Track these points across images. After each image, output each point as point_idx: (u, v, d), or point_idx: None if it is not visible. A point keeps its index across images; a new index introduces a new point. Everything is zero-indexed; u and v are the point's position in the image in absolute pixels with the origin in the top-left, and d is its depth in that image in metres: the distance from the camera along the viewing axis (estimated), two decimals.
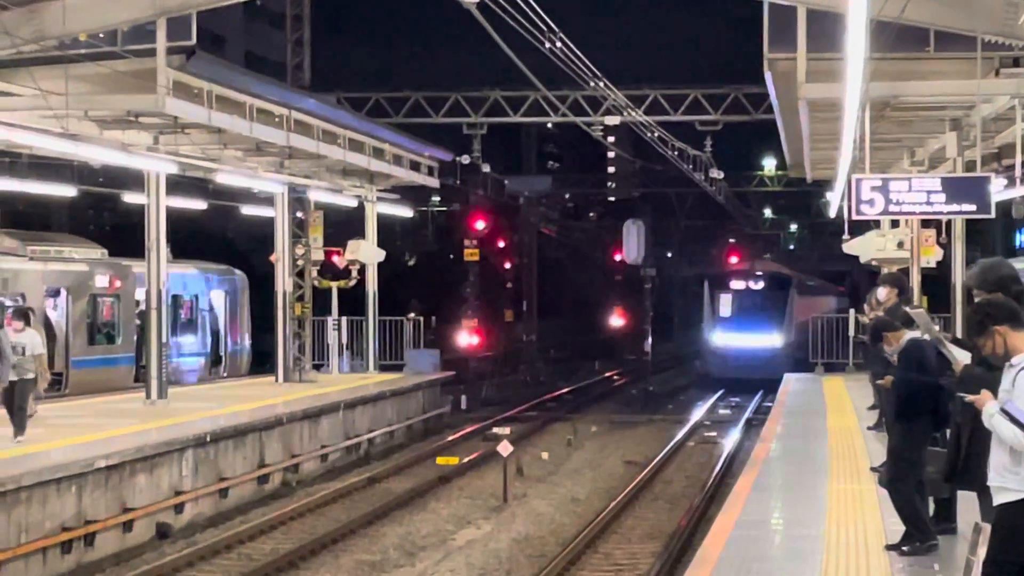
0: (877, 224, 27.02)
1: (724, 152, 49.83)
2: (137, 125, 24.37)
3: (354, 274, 35.84)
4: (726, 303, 52.79)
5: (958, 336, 14.91)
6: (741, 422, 36.99)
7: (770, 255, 75.43)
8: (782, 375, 35.77)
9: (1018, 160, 21.11)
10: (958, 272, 26.67)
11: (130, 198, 32.65)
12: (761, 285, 53.35)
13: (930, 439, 12.07)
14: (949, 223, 26.94)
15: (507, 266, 66.43)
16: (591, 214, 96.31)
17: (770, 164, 65.51)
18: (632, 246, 57.91)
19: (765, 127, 35.46)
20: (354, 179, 35.00)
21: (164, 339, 26.63)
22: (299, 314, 33.59)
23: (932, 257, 27.38)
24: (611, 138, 70.51)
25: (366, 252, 35.72)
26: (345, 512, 23.34)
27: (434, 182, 39.43)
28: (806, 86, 19.95)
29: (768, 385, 41.04)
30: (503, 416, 38.21)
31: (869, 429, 21.73)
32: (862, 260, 27.93)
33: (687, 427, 36.59)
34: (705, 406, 43.11)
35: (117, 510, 19.47)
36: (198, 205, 36.08)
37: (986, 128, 22.49)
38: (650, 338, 58.10)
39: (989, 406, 8.09)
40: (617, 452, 31.88)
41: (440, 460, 29.10)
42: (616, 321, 77.35)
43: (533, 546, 20.49)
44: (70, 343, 30.40)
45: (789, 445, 21.60)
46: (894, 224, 26.35)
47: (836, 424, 23.80)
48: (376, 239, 36.87)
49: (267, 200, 33.73)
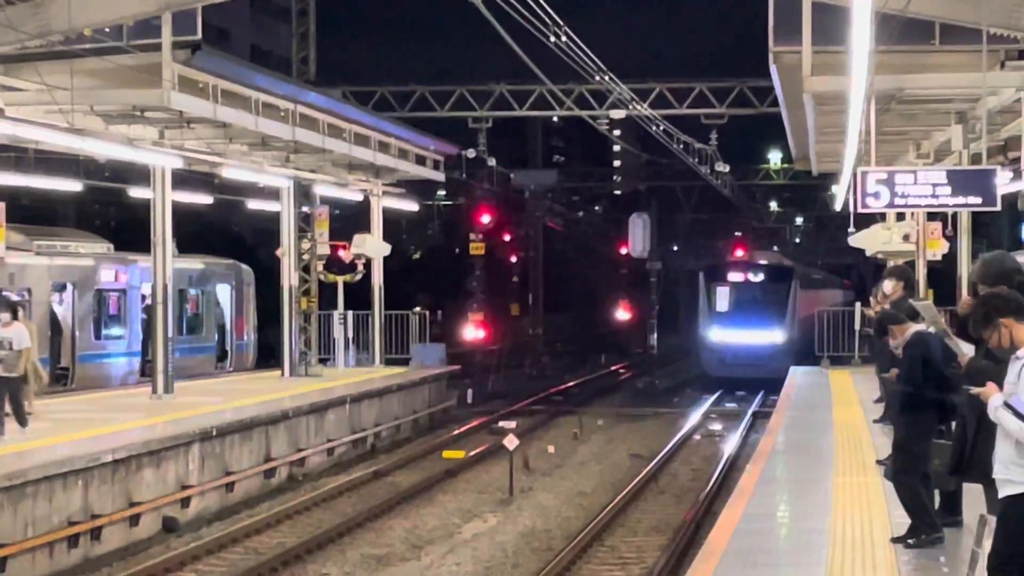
0: (883, 217, 27.00)
1: (729, 145, 49.92)
2: (143, 120, 24.39)
3: (360, 268, 35.85)
4: (723, 297, 49.35)
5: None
6: (747, 415, 36.96)
7: (776, 247, 75.07)
8: (784, 374, 34.23)
9: None
10: (964, 265, 26.64)
11: (136, 193, 32.68)
12: (761, 277, 49.77)
13: (935, 432, 12.06)
14: (955, 216, 26.89)
15: (513, 260, 66.47)
16: (596, 207, 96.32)
17: (776, 157, 65.47)
18: (638, 240, 57.53)
19: (770, 120, 35.44)
20: (360, 173, 35.00)
21: (170, 333, 26.66)
22: (305, 308, 33.62)
23: (938, 250, 27.36)
24: (617, 132, 70.61)
25: (372, 246, 35.73)
26: (351, 506, 23.37)
27: (440, 176, 39.43)
28: (811, 79, 19.94)
29: (768, 385, 39.56)
30: (509, 410, 38.23)
31: (875, 422, 21.72)
32: (868, 253, 27.95)
33: (693, 420, 36.59)
34: (711, 399, 43.09)
35: (123, 504, 19.49)
36: (204, 200, 36.11)
37: (992, 121, 22.47)
38: (655, 332, 57.13)
39: (994, 398, 8.09)
40: (623, 445, 31.89)
41: (446, 454, 29.13)
42: (622, 315, 77.30)
43: (539, 539, 20.51)
44: (76, 337, 30.43)
45: (795, 438, 21.60)
46: (900, 217, 26.36)
47: (842, 417, 23.79)
48: (382, 233, 36.89)
49: (273, 194, 33.75)
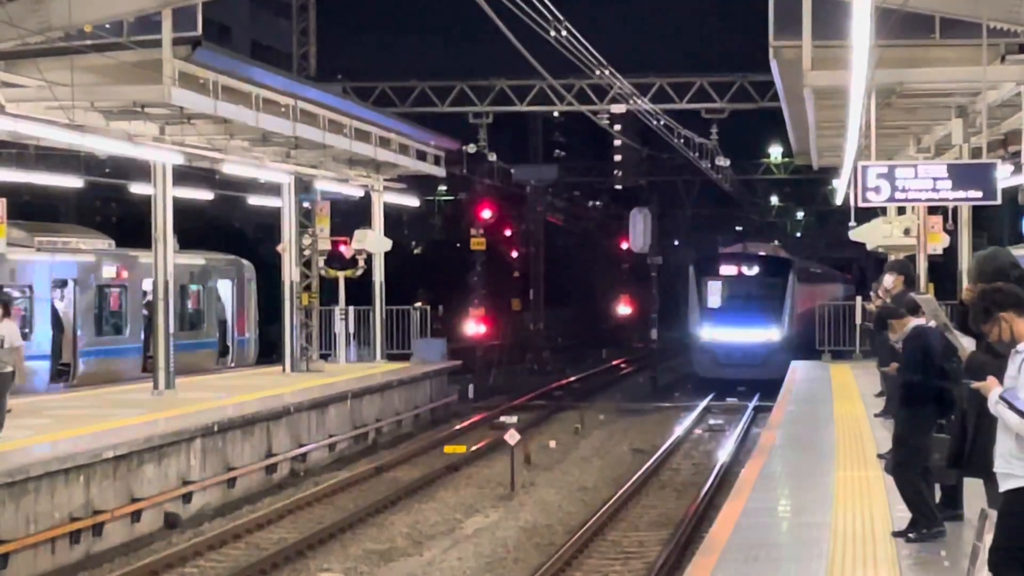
0: (883, 211, 27.02)
1: (730, 140, 49.78)
2: (143, 116, 24.38)
3: (361, 263, 35.85)
4: (715, 291, 46.16)
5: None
6: (748, 409, 36.96)
7: (777, 241, 74.75)
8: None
9: None
10: (964, 259, 26.63)
11: (136, 189, 32.68)
12: (756, 270, 46.63)
13: (936, 426, 12.07)
14: (955, 210, 26.89)
15: (514, 255, 66.43)
16: (597, 202, 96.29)
17: (776, 152, 65.37)
18: (638, 234, 57.40)
19: (771, 115, 35.42)
20: (360, 169, 35.00)
21: (171, 329, 26.67)
22: (306, 304, 33.62)
23: (938, 244, 27.35)
24: (617, 126, 70.43)
25: (373, 241, 35.73)
26: (353, 501, 23.38)
27: (440, 171, 39.43)
28: (812, 73, 19.93)
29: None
30: (510, 405, 38.26)
31: (876, 416, 21.72)
32: (868, 247, 27.96)
33: (694, 415, 36.60)
34: (712, 394, 43.05)
35: (125, 500, 19.51)
36: (205, 196, 36.10)
37: (992, 115, 22.44)
38: (656, 326, 56.98)
39: (994, 392, 8.10)
40: (624, 440, 31.92)
41: (448, 449, 29.15)
42: (623, 309, 77.26)
43: (541, 534, 20.53)
44: (77, 334, 30.42)
45: (796, 432, 21.62)
46: (900, 211, 26.37)
47: (843, 411, 23.80)
48: (383, 228, 36.89)
49: (274, 190, 33.75)
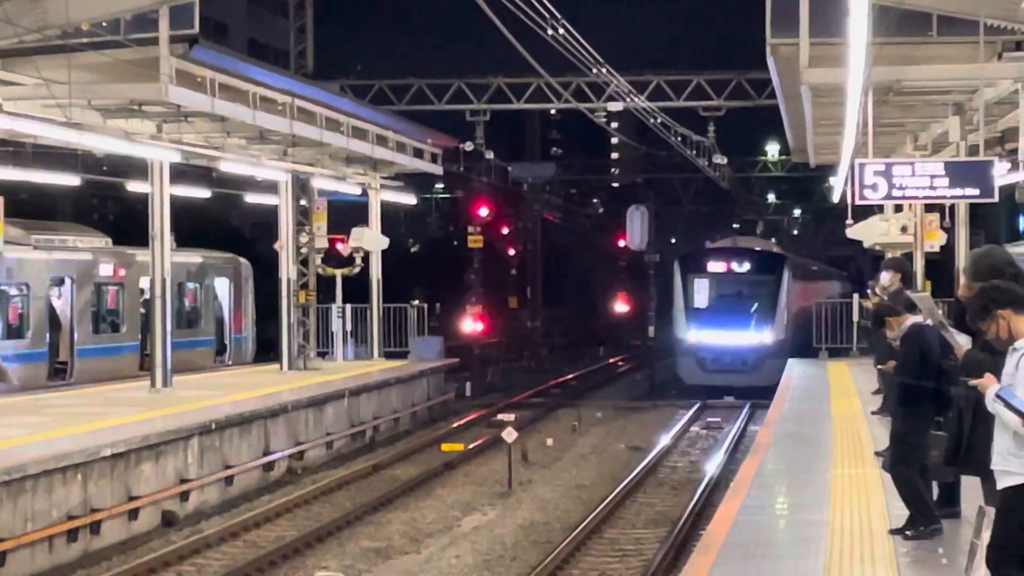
0: (880, 209, 27.01)
1: (727, 138, 49.83)
2: (140, 114, 24.38)
3: (358, 261, 35.85)
4: (701, 290, 42.38)
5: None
6: (746, 407, 36.95)
7: (775, 239, 74.62)
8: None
9: (1021, 144, 21.10)
10: (961, 257, 26.64)
11: (134, 187, 32.67)
12: (746, 267, 42.84)
13: (933, 424, 12.08)
14: (952, 207, 26.89)
15: (511, 253, 66.43)
16: (595, 200, 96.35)
17: (773, 149, 65.48)
18: (636, 232, 57.30)
19: (768, 113, 35.49)
20: (358, 167, 35.00)
21: (168, 327, 26.67)
22: (303, 302, 33.62)
23: (935, 242, 27.36)
24: (614, 124, 70.51)
25: (370, 239, 35.72)
26: (350, 499, 23.38)
27: (437, 169, 39.43)
28: (809, 71, 19.94)
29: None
30: (508, 403, 38.23)
31: (873, 414, 21.75)
32: (866, 245, 27.96)
33: (691, 412, 36.59)
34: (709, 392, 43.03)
35: (123, 498, 19.50)
36: (202, 193, 36.09)
37: (989, 112, 22.47)
38: (654, 324, 56.66)
39: (991, 390, 8.11)
40: (622, 438, 31.92)
41: (445, 447, 29.15)
42: (620, 307, 77.31)
43: (538, 532, 20.53)
44: (75, 332, 30.42)
45: (793, 430, 21.63)
46: (897, 209, 26.34)
47: (840, 409, 23.82)
48: (380, 226, 36.88)
49: (271, 188, 33.74)
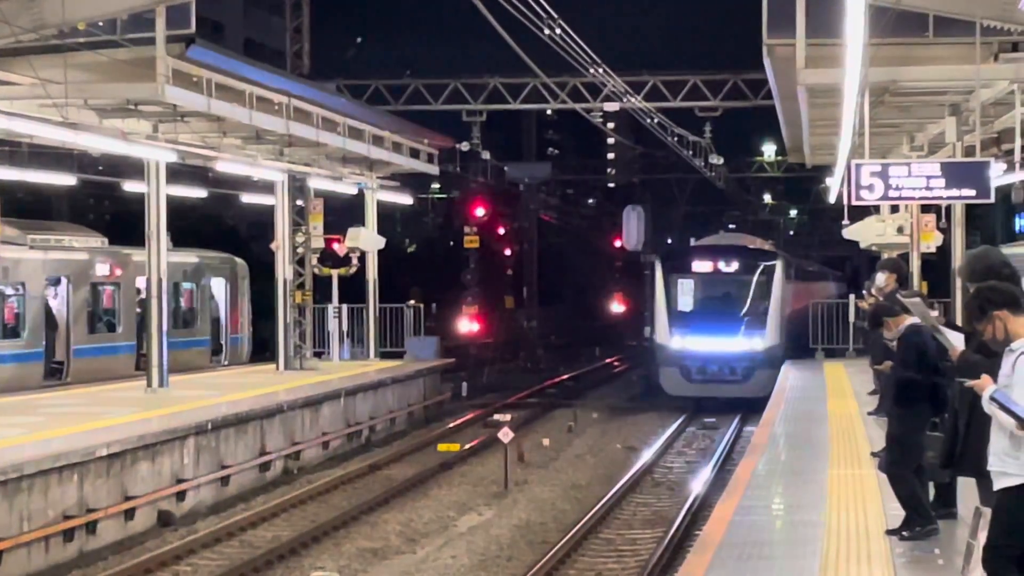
0: (877, 209, 27.01)
1: (723, 138, 49.88)
2: (136, 113, 24.36)
3: (354, 261, 35.85)
4: (685, 291, 38.68)
5: (956, 323, 14.94)
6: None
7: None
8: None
9: (1017, 145, 21.10)
10: (958, 257, 26.67)
11: (130, 186, 32.66)
12: (735, 266, 38.75)
13: (930, 424, 12.09)
14: (949, 208, 26.93)
15: (507, 253, 66.50)
16: (591, 200, 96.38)
17: (770, 150, 65.52)
18: (632, 232, 57.29)
19: (764, 113, 35.44)
20: (354, 167, 35.00)
21: (164, 327, 26.66)
22: (300, 302, 33.60)
23: (932, 242, 27.39)
24: (611, 124, 70.61)
25: (366, 239, 35.72)
26: (346, 499, 23.38)
27: (434, 169, 39.42)
28: (805, 72, 19.94)
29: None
30: (504, 403, 38.23)
31: (869, 414, 21.76)
32: (862, 245, 27.93)
33: (688, 413, 36.57)
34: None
35: (119, 498, 19.50)
36: (198, 193, 36.07)
37: (985, 113, 22.47)
38: (650, 324, 56.16)
39: (987, 391, 8.11)
40: (618, 438, 31.92)
41: (441, 447, 29.15)
42: (616, 307, 77.37)
43: (534, 532, 20.53)
44: (71, 331, 30.40)
45: (790, 430, 21.64)
46: (894, 209, 26.34)
47: (836, 409, 23.82)
48: (376, 226, 36.88)
49: (267, 188, 33.74)
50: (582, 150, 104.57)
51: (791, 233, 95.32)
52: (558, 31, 23.75)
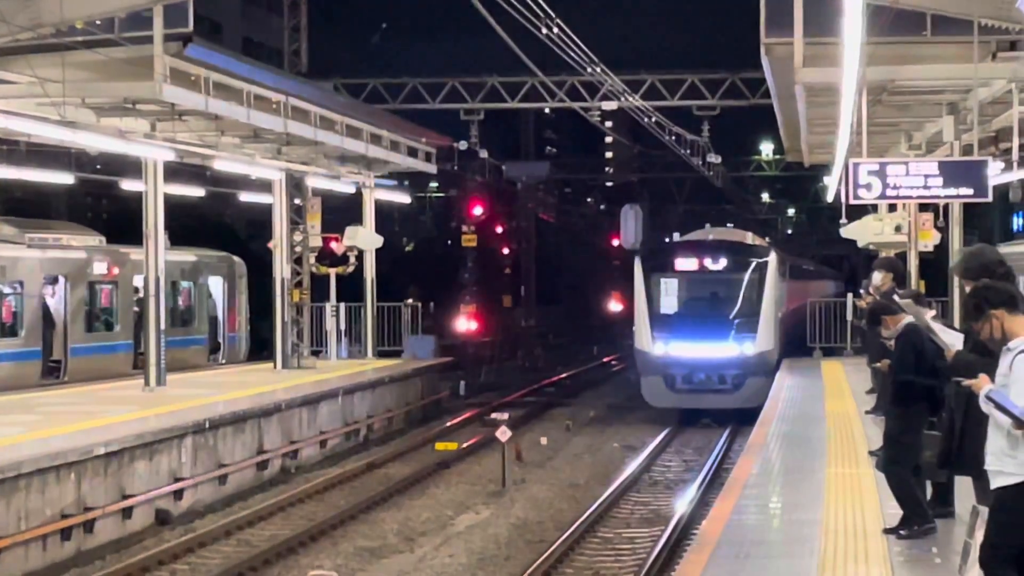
0: (874, 208, 27.03)
1: (721, 137, 49.87)
2: (134, 112, 24.36)
3: (352, 260, 35.85)
4: (670, 292, 35.19)
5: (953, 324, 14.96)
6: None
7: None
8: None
9: (1015, 144, 21.12)
10: (955, 256, 26.69)
11: (128, 185, 32.64)
12: (722, 264, 35.07)
13: (927, 423, 12.09)
14: (946, 207, 26.95)
15: (505, 252, 66.46)
16: (589, 199, 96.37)
17: (767, 149, 65.63)
18: (630, 231, 57.13)
19: (762, 112, 35.41)
20: (352, 165, 34.99)
21: (162, 326, 26.65)
22: (297, 300, 33.60)
23: (929, 241, 27.41)
24: (609, 123, 70.57)
25: (364, 238, 35.71)
26: (344, 498, 23.37)
27: (432, 168, 39.42)
28: (803, 71, 19.97)
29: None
30: (502, 402, 38.22)
31: (867, 413, 21.76)
32: (859, 244, 27.95)
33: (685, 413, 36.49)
34: None
35: (116, 497, 19.48)
36: (196, 192, 36.06)
37: (983, 112, 22.48)
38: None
39: (984, 390, 8.12)
40: (616, 437, 31.90)
41: (439, 446, 29.13)
42: (614, 306, 77.31)
43: (532, 531, 20.53)
44: (68, 330, 30.38)
45: (787, 429, 21.64)
46: (891, 208, 26.37)
47: (834, 408, 23.83)
48: (374, 225, 36.88)
49: (265, 187, 33.73)
50: (580, 149, 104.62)
51: (789, 232, 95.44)
52: (556, 30, 23.75)
